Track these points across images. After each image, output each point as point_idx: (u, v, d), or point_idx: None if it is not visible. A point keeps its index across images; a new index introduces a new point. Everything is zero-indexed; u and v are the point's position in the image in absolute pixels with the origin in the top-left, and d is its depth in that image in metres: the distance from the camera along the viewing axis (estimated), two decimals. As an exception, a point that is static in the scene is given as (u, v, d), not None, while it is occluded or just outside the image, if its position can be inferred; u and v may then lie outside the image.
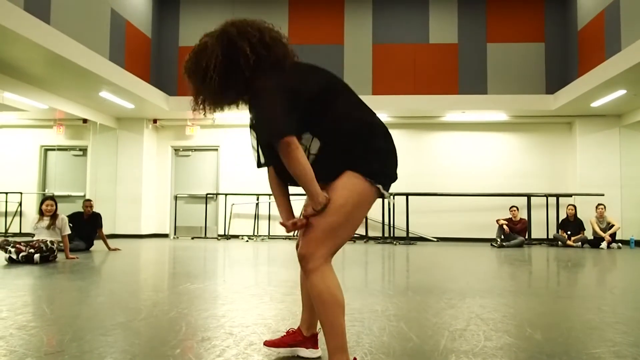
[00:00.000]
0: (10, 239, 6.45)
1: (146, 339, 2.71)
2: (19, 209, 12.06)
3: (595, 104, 10.16)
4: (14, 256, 6.06)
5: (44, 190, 12.20)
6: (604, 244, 9.94)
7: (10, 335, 2.72)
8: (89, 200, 8.51)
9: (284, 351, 2.38)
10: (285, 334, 2.40)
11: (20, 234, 11.20)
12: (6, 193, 12.03)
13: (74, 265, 6.11)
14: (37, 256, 6.06)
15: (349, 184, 1.96)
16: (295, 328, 2.40)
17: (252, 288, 4.53)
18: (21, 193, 12.06)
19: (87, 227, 8.23)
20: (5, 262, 6.12)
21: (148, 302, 3.81)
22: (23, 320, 3.11)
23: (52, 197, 6.95)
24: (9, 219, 11.99)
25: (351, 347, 2.44)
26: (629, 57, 7.97)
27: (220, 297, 4.04)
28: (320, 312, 1.91)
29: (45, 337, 2.71)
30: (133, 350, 2.47)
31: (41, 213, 6.77)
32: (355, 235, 11.41)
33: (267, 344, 2.40)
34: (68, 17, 8.28)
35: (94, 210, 8.41)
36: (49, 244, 6.30)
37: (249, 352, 2.42)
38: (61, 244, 6.73)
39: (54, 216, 6.72)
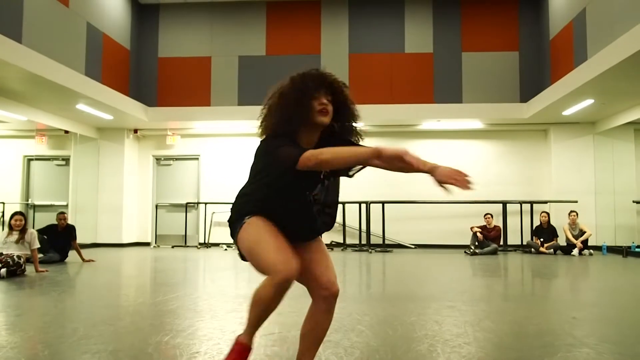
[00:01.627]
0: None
1: (95, 346, 2.84)
2: (1, 219, 12.18)
3: (567, 112, 10.32)
4: (-19, 271, 6.18)
5: (27, 200, 12.34)
6: (575, 251, 10.09)
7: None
8: (63, 213, 8.65)
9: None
10: (237, 352, 2.25)
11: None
12: (-11, 203, 12.17)
13: (42, 279, 6.24)
14: (3, 271, 6.18)
15: None
16: (240, 344, 2.26)
17: (217, 299, 4.67)
18: (4, 203, 12.17)
19: (61, 239, 8.36)
20: (-27, 277, 6.25)
21: (96, 319, 3.95)
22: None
23: (22, 212, 7.11)
24: (-8, 229, 12.13)
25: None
26: (594, 67, 8.13)
27: (172, 314, 4.18)
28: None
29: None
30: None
31: (10, 227, 6.90)
32: (333, 243, 11.56)
33: None
34: (41, 34, 8.43)
35: (68, 222, 8.54)
36: (16, 259, 6.42)
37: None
38: (31, 258, 6.85)
39: (22, 230, 6.86)
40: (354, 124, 2.30)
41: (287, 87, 2.22)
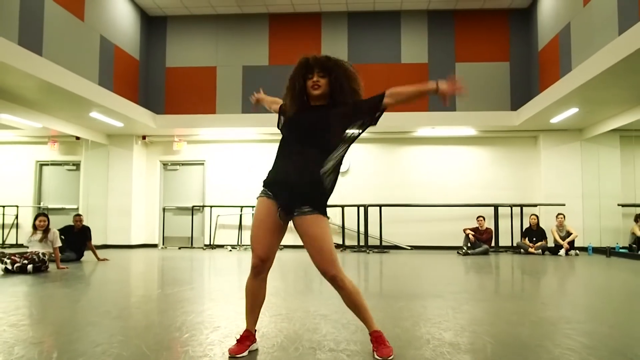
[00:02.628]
0: (5, 251, 7.11)
1: (122, 333, 3.38)
2: (15, 222, 12.72)
3: (554, 120, 10.88)
4: (9, 267, 6.72)
5: (39, 204, 12.88)
6: (562, 252, 10.63)
7: (4, 330, 3.39)
8: (79, 215, 9.19)
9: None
10: (240, 338, 2.81)
11: (17, 246, 11.86)
12: (3, 206, 12.70)
13: (64, 275, 6.78)
14: (30, 266, 6.73)
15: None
16: (243, 332, 2.83)
17: (221, 293, 5.21)
18: (17, 206, 12.72)
19: (77, 239, 8.89)
20: (1, 272, 6.78)
21: (127, 304, 4.49)
22: (14, 320, 3.79)
23: (45, 214, 7.64)
24: (6, 231, 12.66)
25: (319, 340, 3.12)
26: (577, 77, 8.68)
27: (189, 301, 4.71)
28: (360, 298, 2.78)
29: (31, 332, 3.39)
30: (110, 341, 3.14)
31: (34, 227, 7.46)
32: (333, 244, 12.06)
33: (234, 352, 2.73)
34: (59, 47, 8.99)
35: (83, 223, 9.09)
36: (41, 256, 6.98)
37: (187, 341, 3.10)
38: (52, 256, 7.40)
39: (46, 230, 7.41)
40: (348, 86, 2.86)
41: (290, 76, 2.92)
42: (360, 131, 2.87)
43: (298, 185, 2.71)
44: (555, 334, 3.34)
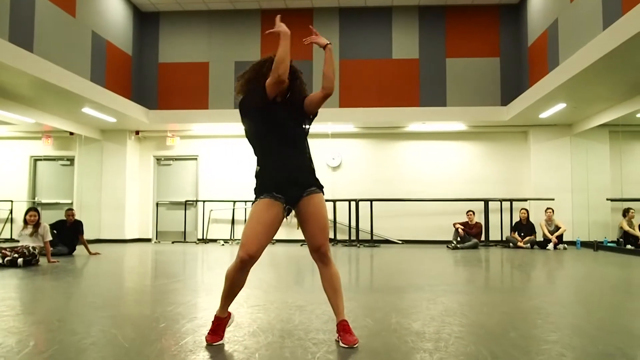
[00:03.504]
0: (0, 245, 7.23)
1: (101, 323, 3.49)
2: (9, 217, 12.82)
3: (543, 115, 10.98)
4: (0, 260, 6.82)
5: (34, 199, 12.97)
6: (550, 245, 10.74)
7: (-14, 321, 3.50)
8: (71, 209, 9.29)
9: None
10: (214, 328, 2.90)
11: (12, 241, 11.95)
12: (-3, 201, 12.81)
13: (54, 268, 6.89)
14: (20, 260, 6.84)
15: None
16: (214, 321, 2.93)
17: (208, 285, 5.32)
18: (12, 201, 12.81)
19: (69, 233, 9.00)
20: (-8, 266, 6.89)
21: (112, 295, 4.60)
22: (4, 308, 3.89)
23: (35, 208, 7.75)
24: (0, 225, 12.75)
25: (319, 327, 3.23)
26: (563, 73, 8.77)
27: (173, 293, 4.82)
28: (339, 283, 2.95)
29: (13, 322, 3.49)
30: (88, 331, 3.25)
31: (25, 222, 7.56)
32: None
33: (211, 340, 2.85)
34: (50, 43, 9.07)
35: (76, 218, 9.19)
36: (31, 249, 7.08)
37: (162, 332, 3.21)
38: (43, 250, 7.50)
39: (36, 224, 7.51)
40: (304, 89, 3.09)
41: (254, 66, 3.10)
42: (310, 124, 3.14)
43: (302, 175, 2.94)
44: (524, 324, 3.45)
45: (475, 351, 2.73)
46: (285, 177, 2.90)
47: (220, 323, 2.94)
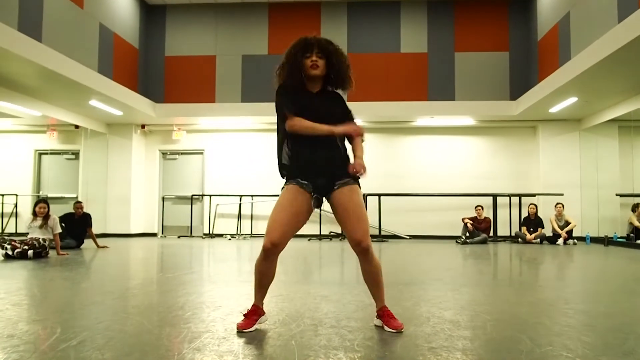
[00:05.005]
0: (6, 237, 7.13)
1: (114, 310, 3.41)
2: (14, 210, 12.74)
3: (553, 109, 10.90)
4: (9, 252, 6.74)
5: (39, 192, 12.90)
6: (560, 241, 10.68)
7: (7, 309, 3.41)
8: (80, 202, 9.21)
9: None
10: (248, 313, 2.82)
11: (16, 234, 11.87)
12: (2, 195, 12.72)
13: (64, 260, 6.80)
14: (30, 252, 6.76)
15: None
16: (250, 307, 2.85)
17: (222, 277, 5.24)
18: (16, 195, 12.74)
19: (77, 226, 8.92)
20: (1, 258, 6.80)
21: (128, 286, 4.52)
22: (17, 299, 3.82)
23: (45, 200, 7.66)
24: (5, 219, 12.68)
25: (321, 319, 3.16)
26: (576, 66, 8.70)
27: (190, 284, 4.75)
28: (381, 278, 2.89)
29: (34, 310, 3.42)
30: (113, 318, 3.17)
31: (34, 214, 7.47)
32: (332, 233, 12.14)
33: (242, 327, 2.77)
34: (59, 34, 8.97)
35: (84, 211, 9.10)
36: (42, 242, 7.00)
37: (190, 318, 3.14)
38: (53, 242, 7.42)
39: (46, 217, 7.42)
40: (345, 73, 2.90)
41: (287, 52, 2.89)
42: None
43: (332, 165, 2.82)
44: (554, 313, 3.38)
45: (515, 337, 2.66)
46: (313, 165, 2.80)
47: (255, 310, 2.85)
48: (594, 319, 3.17)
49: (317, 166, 2.80)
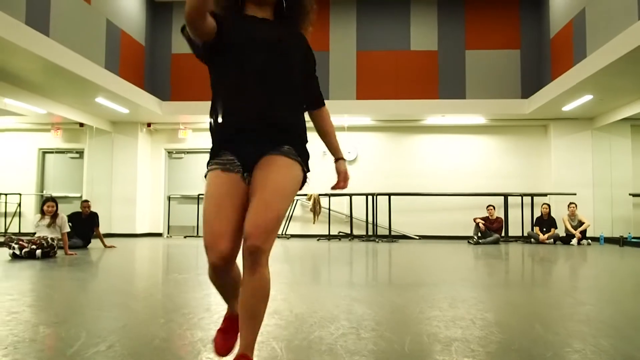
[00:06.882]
0: (13, 236, 6.94)
1: (137, 312, 3.23)
2: (18, 210, 12.55)
3: (566, 108, 10.73)
4: (17, 252, 6.56)
5: (42, 192, 12.70)
6: (574, 241, 10.50)
7: (23, 310, 3.24)
8: (87, 201, 9.02)
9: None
10: (225, 328, 2.15)
11: (20, 234, 11.68)
12: (6, 194, 12.52)
13: (73, 260, 6.62)
14: (38, 252, 6.58)
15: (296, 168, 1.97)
16: (225, 316, 2.20)
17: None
18: (20, 194, 12.54)
19: (85, 225, 8.73)
20: (9, 258, 6.62)
21: (145, 286, 4.34)
22: (31, 301, 3.64)
23: (53, 199, 7.46)
24: (9, 219, 12.48)
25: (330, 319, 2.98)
26: (593, 64, 8.53)
27: (201, 284, 4.57)
28: (263, 306, 1.83)
29: (52, 312, 3.24)
30: (129, 321, 2.99)
31: (42, 212, 7.29)
32: (341, 233, 11.95)
33: (221, 350, 2.09)
34: (66, 29, 8.78)
35: (91, 210, 8.92)
36: (50, 241, 6.82)
37: (219, 322, 2.95)
38: (61, 241, 7.23)
39: (54, 215, 7.23)
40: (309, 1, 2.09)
41: None
42: None
43: (270, 126, 1.93)
44: (602, 314, 3.21)
45: (575, 334, 2.48)
46: (243, 126, 1.92)
47: (233, 321, 2.12)
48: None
49: (245, 128, 1.93)
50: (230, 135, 1.96)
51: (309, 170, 2.04)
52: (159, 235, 12.79)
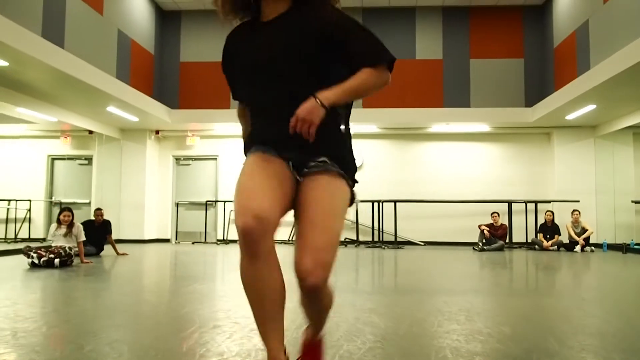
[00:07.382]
0: (32, 245, 7.10)
1: (159, 327, 3.38)
2: (27, 216, 12.70)
3: (570, 116, 10.90)
4: (35, 261, 6.71)
5: (52, 198, 12.86)
6: (577, 248, 10.66)
7: (39, 316, 3.39)
8: (100, 209, 9.18)
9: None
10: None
11: (29, 240, 11.83)
12: (15, 200, 12.68)
13: (91, 269, 6.77)
14: (57, 261, 6.73)
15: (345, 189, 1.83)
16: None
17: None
18: (30, 200, 12.70)
19: (97, 233, 8.88)
20: (28, 267, 6.77)
21: (159, 298, 4.49)
22: (49, 309, 3.78)
23: (69, 208, 7.63)
24: (18, 225, 12.63)
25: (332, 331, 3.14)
26: (597, 75, 8.71)
27: (224, 295, 4.72)
28: (329, 311, 1.91)
29: (89, 326, 3.39)
30: (171, 336, 3.14)
31: (59, 222, 7.45)
32: (347, 240, 12.11)
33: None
34: (80, 40, 8.97)
35: (104, 218, 9.08)
36: (67, 250, 6.98)
37: (251, 335, 3.10)
38: (77, 250, 7.38)
39: (70, 225, 7.39)
40: None
41: None
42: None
43: (302, 146, 1.75)
44: (620, 323, 3.36)
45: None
46: (273, 144, 1.81)
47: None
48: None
49: (281, 133, 1.75)
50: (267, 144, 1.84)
51: (356, 182, 1.88)
52: (167, 241, 12.94)
